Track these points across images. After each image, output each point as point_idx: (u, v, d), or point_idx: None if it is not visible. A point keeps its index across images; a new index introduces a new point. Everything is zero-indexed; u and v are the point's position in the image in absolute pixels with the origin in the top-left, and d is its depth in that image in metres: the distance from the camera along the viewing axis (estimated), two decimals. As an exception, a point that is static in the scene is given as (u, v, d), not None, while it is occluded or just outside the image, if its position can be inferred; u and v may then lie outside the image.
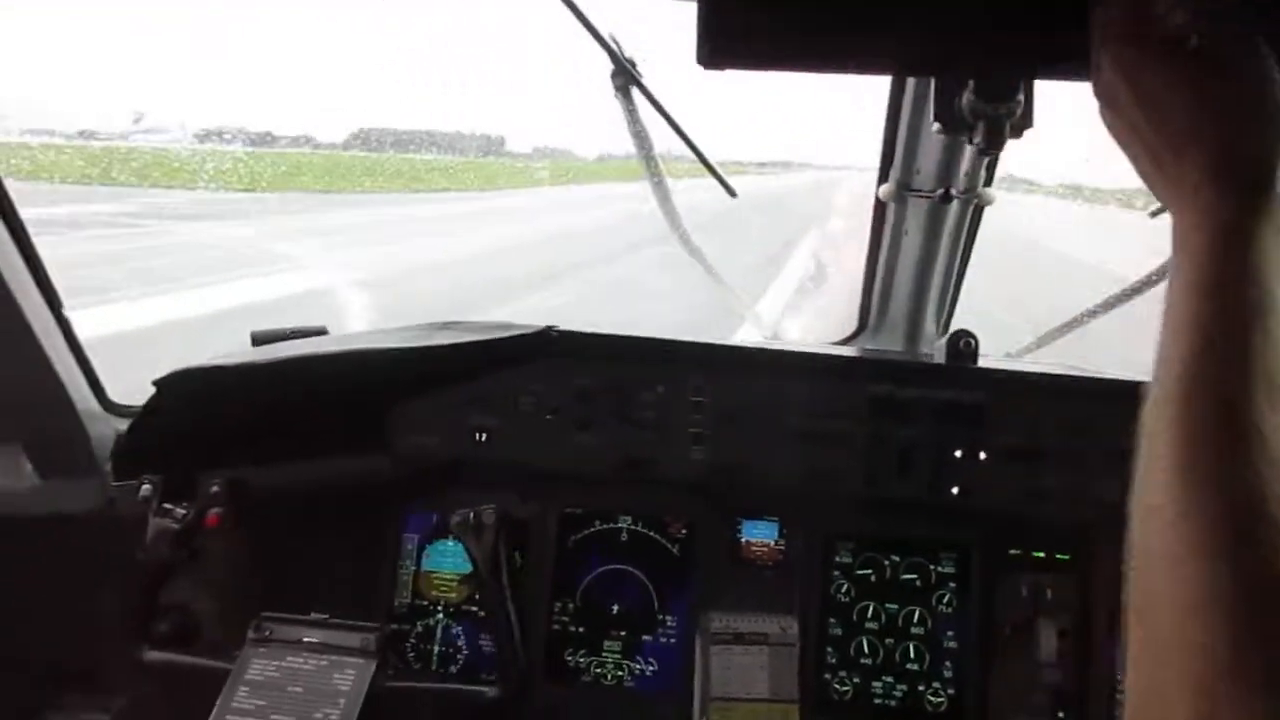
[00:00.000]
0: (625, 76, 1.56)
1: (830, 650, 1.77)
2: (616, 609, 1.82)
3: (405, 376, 1.84)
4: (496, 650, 1.76)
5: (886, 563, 1.79)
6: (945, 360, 1.77)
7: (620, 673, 1.81)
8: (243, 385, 1.80)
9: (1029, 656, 1.71)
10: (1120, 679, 1.69)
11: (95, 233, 11.06)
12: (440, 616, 1.86)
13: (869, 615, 1.78)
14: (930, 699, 1.74)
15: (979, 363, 1.76)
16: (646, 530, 1.84)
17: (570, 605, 1.83)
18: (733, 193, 1.74)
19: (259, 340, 1.89)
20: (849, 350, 2.09)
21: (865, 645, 1.77)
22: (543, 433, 1.82)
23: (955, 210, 1.79)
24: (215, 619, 1.77)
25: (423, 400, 1.85)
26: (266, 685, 1.55)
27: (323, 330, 1.94)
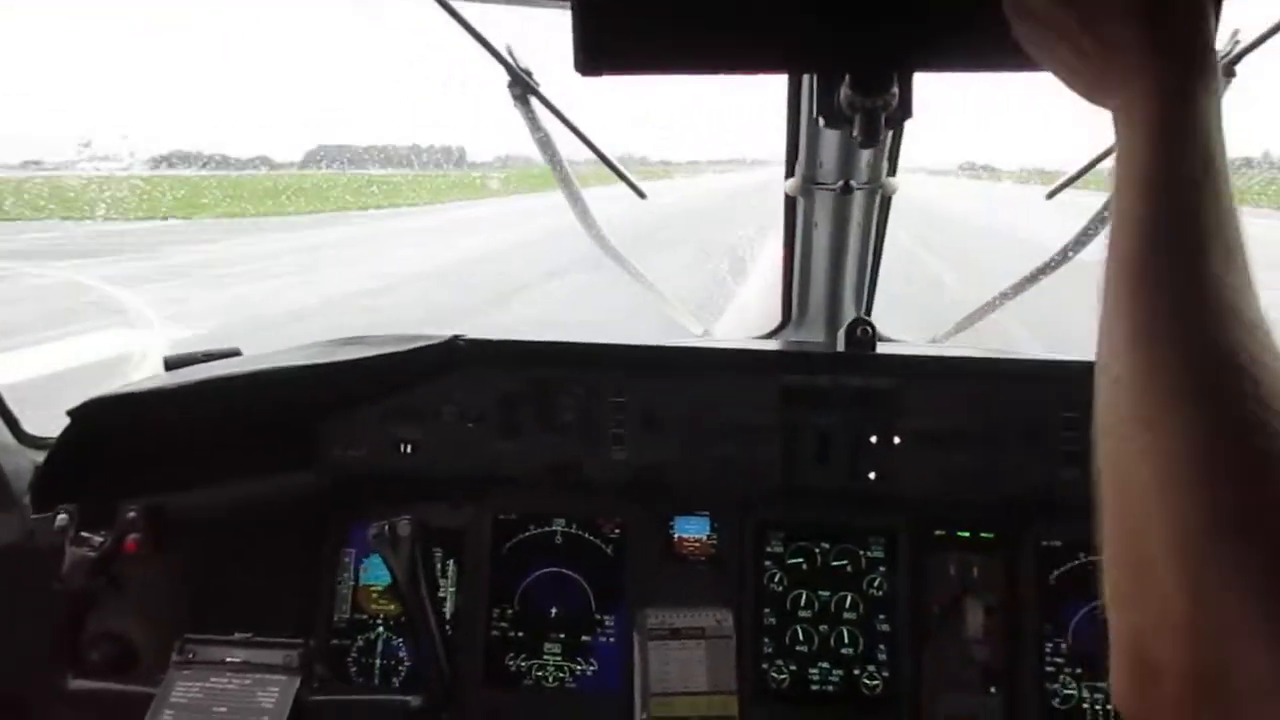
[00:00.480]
0: (522, 86, 1.58)
1: (766, 640, 1.79)
2: (555, 612, 1.83)
3: (328, 392, 1.84)
4: (418, 660, 1.75)
5: (817, 550, 1.81)
6: (845, 349, 1.80)
7: (562, 675, 1.81)
8: (159, 410, 1.79)
9: (958, 635, 1.73)
10: (1048, 650, 1.72)
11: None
12: (380, 630, 1.86)
13: (802, 603, 1.79)
14: (866, 682, 1.76)
15: (894, 349, 1.79)
16: (580, 532, 1.85)
17: (509, 610, 1.83)
18: (642, 194, 1.77)
19: (172, 365, 1.89)
20: (769, 344, 2.12)
21: (800, 633, 1.79)
22: (466, 441, 1.83)
23: (860, 201, 1.83)
24: (146, 645, 1.75)
25: (347, 414, 1.85)
26: (191, 707, 1.54)
27: (236, 351, 1.95)
